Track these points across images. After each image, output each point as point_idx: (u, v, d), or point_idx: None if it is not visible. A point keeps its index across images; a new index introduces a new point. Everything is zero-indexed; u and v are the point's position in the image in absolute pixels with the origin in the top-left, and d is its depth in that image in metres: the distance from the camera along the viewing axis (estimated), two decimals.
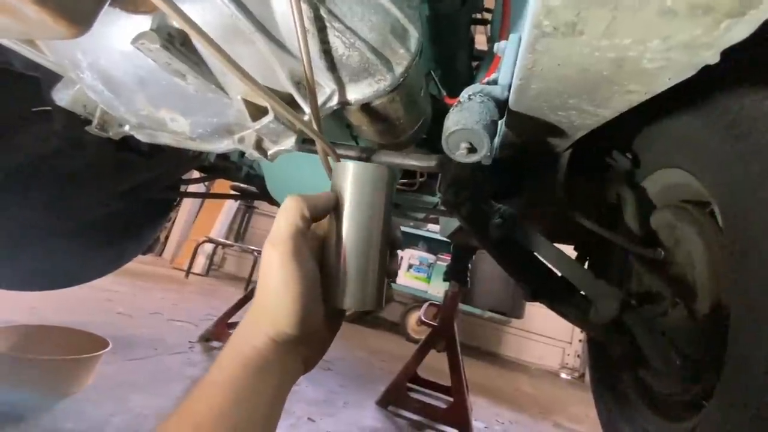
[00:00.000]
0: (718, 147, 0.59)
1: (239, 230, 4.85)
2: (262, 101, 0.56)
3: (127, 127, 0.69)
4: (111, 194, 1.36)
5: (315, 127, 0.56)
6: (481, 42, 1.47)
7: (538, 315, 4.05)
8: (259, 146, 0.60)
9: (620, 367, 0.96)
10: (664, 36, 0.23)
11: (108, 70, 0.52)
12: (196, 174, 1.79)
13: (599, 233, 1.07)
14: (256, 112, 0.56)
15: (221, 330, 1.83)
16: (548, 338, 4.27)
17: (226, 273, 4.96)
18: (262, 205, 4.95)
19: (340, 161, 0.44)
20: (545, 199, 0.91)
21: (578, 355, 4.18)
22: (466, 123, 0.47)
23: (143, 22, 0.45)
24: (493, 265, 3.54)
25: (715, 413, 0.56)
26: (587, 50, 0.27)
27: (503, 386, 2.69)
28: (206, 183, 3.32)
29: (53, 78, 0.90)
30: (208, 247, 4.28)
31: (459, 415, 1.55)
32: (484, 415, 1.85)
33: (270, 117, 0.53)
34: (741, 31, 0.23)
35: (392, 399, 1.60)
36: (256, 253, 4.25)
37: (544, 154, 0.74)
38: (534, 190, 0.93)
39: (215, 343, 1.80)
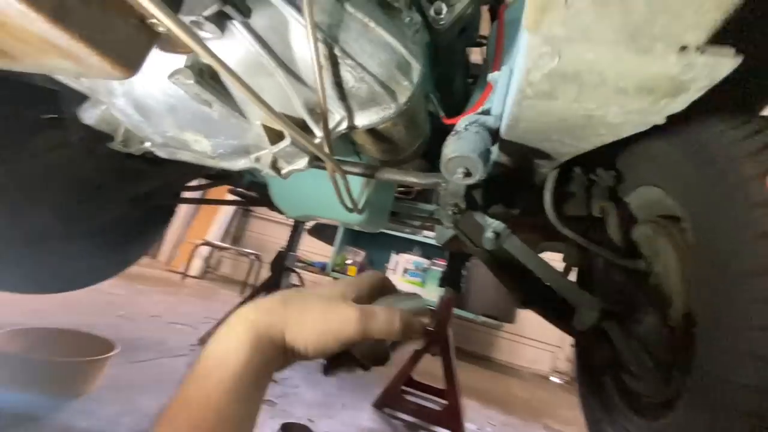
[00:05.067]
0: (689, 170, 0.66)
1: (236, 233, 4.88)
2: (280, 127, 0.61)
3: (148, 144, 0.74)
4: (119, 201, 1.40)
5: (326, 150, 0.62)
6: (477, 55, 1.53)
7: (530, 320, 4.12)
8: (274, 166, 0.65)
9: (604, 371, 1.03)
10: (620, 105, 0.30)
11: (141, 98, 0.57)
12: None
13: (584, 245, 1.14)
14: (274, 135, 0.62)
15: None
16: (540, 342, 4.34)
17: (221, 275, 4.97)
18: (259, 209, 4.99)
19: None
20: (535, 213, 0.97)
21: (569, 360, 4.25)
22: (463, 151, 0.54)
23: (178, 59, 0.51)
24: (486, 272, 3.61)
25: (683, 413, 0.63)
26: (562, 108, 0.33)
27: (495, 389, 2.75)
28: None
29: (71, 91, 0.95)
30: (204, 250, 4.30)
31: (452, 418, 1.60)
32: (476, 417, 1.91)
33: (287, 142, 0.59)
34: (677, 106, 0.30)
35: (388, 401, 1.65)
36: (252, 257, 4.28)
37: (533, 172, 0.80)
38: (524, 204, 1.00)
39: None
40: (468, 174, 0.56)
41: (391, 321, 0.40)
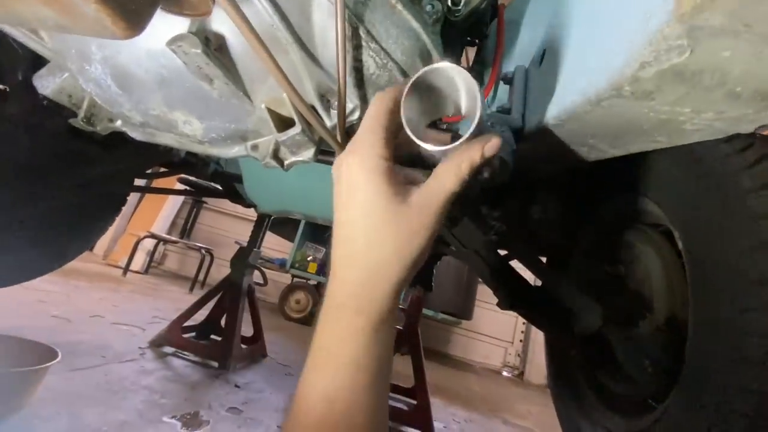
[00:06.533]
0: (683, 182, 0.68)
1: (185, 225, 4.55)
2: (286, 111, 0.55)
3: (119, 123, 0.64)
4: (59, 188, 1.23)
5: (339, 139, 0.56)
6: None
7: (484, 316, 4.28)
8: (276, 155, 0.58)
9: (578, 369, 1.06)
10: (719, 111, 0.28)
11: (126, 66, 0.48)
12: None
13: (564, 244, 1.16)
14: (279, 121, 0.55)
15: (176, 335, 1.72)
16: (492, 338, 4.52)
17: (166, 270, 4.63)
18: (211, 200, 4.69)
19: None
20: (525, 214, 0.98)
21: (518, 354, 4.47)
22: None
23: (179, 24, 0.43)
24: (446, 269, 3.67)
25: (674, 412, 0.65)
26: (645, 110, 0.31)
27: (455, 386, 2.80)
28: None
29: (14, 56, 0.81)
30: (148, 243, 3.97)
31: (422, 417, 1.60)
32: (441, 415, 1.92)
33: (297, 129, 0.53)
34: None
35: None
36: (203, 251, 4.01)
37: (536, 175, 0.80)
38: (515, 205, 1.00)
39: (168, 349, 1.68)
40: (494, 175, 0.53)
41: (449, 188, 0.35)
